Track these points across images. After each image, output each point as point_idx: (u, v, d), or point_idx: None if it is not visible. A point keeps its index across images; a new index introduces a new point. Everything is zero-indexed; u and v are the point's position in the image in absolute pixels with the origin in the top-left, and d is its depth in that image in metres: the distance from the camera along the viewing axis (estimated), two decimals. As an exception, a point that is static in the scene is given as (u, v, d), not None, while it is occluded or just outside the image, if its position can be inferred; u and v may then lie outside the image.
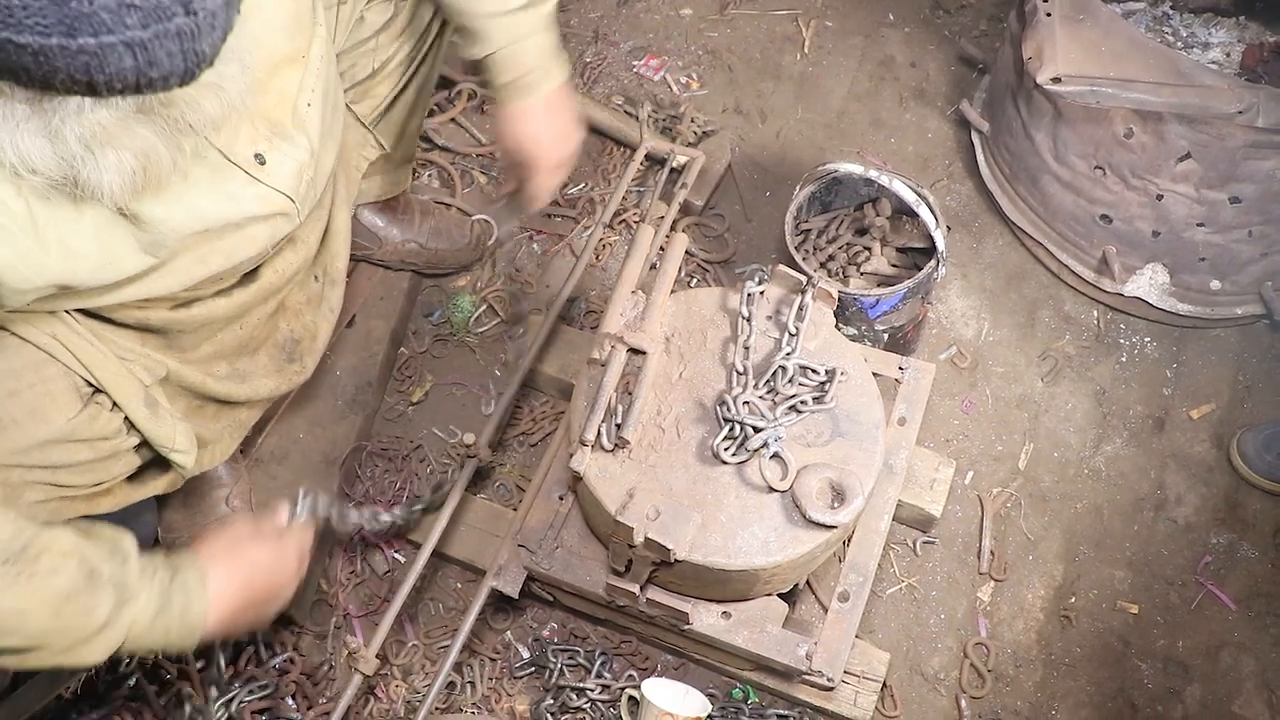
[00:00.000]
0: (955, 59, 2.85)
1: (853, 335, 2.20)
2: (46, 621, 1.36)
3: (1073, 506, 2.27)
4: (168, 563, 1.51)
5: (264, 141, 1.52)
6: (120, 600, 1.41)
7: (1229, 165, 2.14)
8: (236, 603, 1.56)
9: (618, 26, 2.92)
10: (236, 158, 1.48)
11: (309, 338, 1.92)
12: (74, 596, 1.37)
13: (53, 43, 1.00)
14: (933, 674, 2.11)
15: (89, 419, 1.52)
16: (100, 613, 1.39)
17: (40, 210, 1.28)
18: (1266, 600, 2.17)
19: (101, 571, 1.41)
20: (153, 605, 1.45)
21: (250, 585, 1.58)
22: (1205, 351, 2.43)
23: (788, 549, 1.70)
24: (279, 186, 1.55)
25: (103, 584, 1.40)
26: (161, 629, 1.45)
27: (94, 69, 1.04)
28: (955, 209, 2.62)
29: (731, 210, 2.62)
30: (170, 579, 1.48)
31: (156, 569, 1.48)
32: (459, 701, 2.06)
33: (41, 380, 1.48)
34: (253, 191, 1.52)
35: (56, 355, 1.48)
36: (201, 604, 1.50)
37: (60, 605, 1.36)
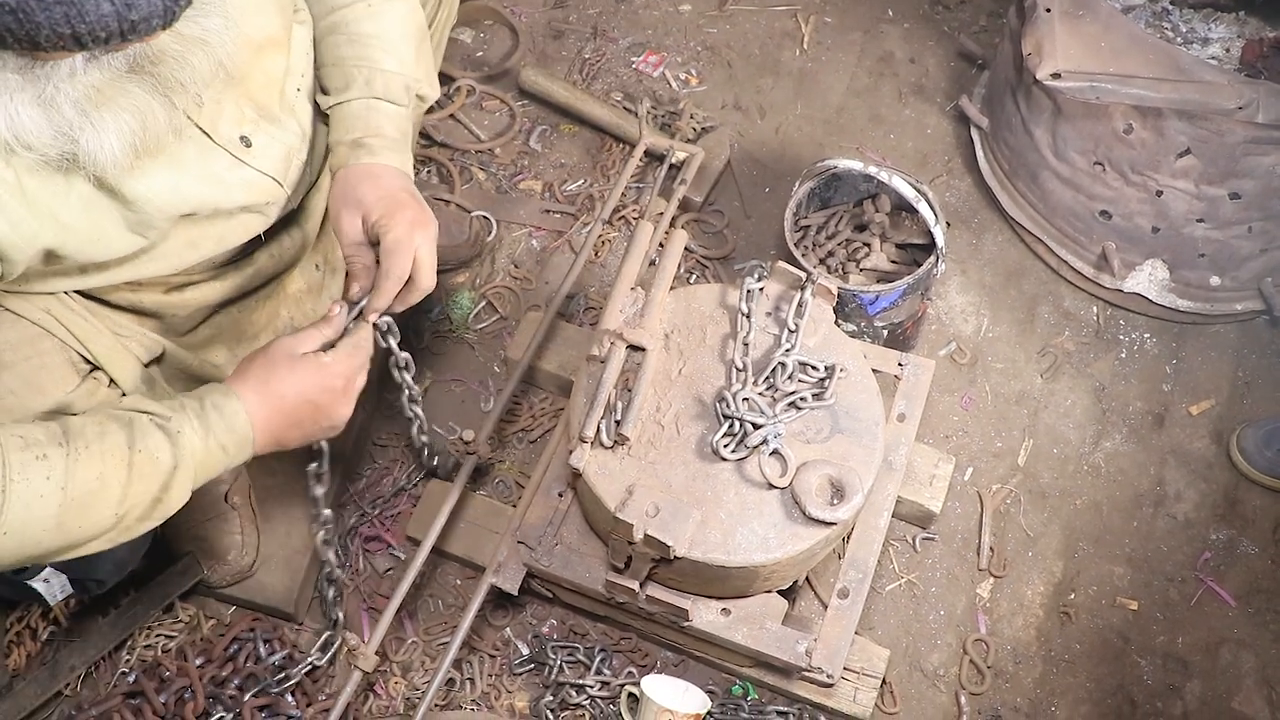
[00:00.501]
0: (954, 55, 2.84)
1: (852, 331, 2.20)
2: (124, 476, 1.35)
3: (1072, 503, 2.27)
4: (190, 393, 1.48)
5: (249, 124, 1.52)
6: (169, 435, 1.39)
7: (1229, 161, 2.14)
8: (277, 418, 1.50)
9: (617, 23, 2.92)
10: (220, 139, 1.48)
11: None
12: (134, 445, 1.36)
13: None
14: (932, 670, 2.11)
15: (86, 394, 1.53)
16: (164, 454, 1.39)
17: (29, 181, 1.28)
18: (1266, 596, 2.17)
19: (137, 420, 1.39)
20: (198, 430, 1.43)
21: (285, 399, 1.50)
22: (1205, 347, 2.43)
23: (787, 546, 1.70)
24: (265, 169, 1.55)
25: (147, 430, 1.39)
26: (217, 447, 1.44)
27: (74, 18, 1.05)
28: (955, 205, 2.61)
29: (731, 206, 2.62)
30: (200, 404, 1.45)
31: (183, 401, 1.45)
32: (458, 698, 2.06)
33: (37, 354, 1.48)
34: (238, 175, 1.52)
35: (51, 330, 1.49)
36: (241, 414, 1.46)
37: (129, 457, 1.36)
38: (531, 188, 2.65)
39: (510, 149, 2.70)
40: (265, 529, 2.12)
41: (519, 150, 2.70)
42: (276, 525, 2.14)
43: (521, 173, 2.67)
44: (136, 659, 2.08)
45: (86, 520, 1.34)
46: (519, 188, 2.65)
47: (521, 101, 2.77)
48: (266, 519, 2.13)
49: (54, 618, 2.10)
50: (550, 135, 2.73)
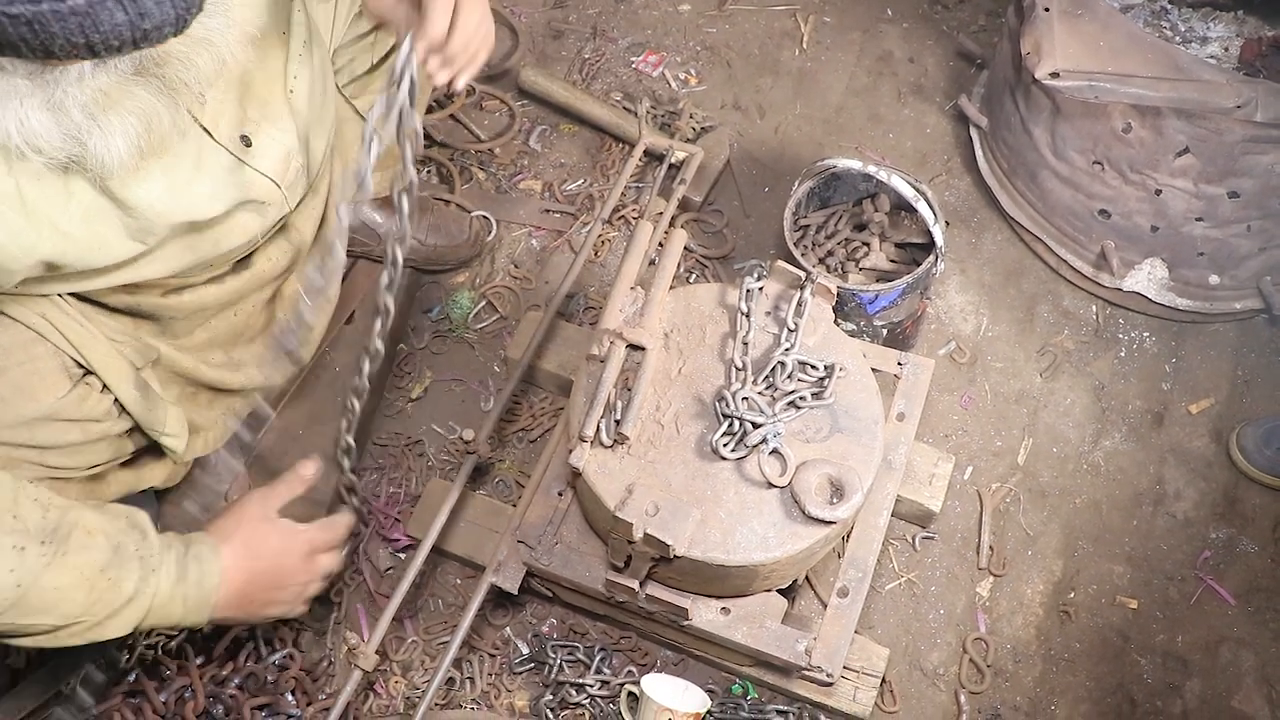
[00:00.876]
0: (954, 54, 2.85)
1: (851, 331, 2.20)
2: (82, 597, 1.39)
3: (1072, 502, 2.27)
4: (181, 536, 1.55)
5: (250, 124, 1.53)
6: (145, 571, 1.45)
7: (1227, 160, 2.14)
8: (246, 580, 1.58)
9: (616, 23, 2.92)
10: (221, 138, 1.48)
11: (305, 328, 1.92)
12: (105, 570, 1.41)
13: (44, 9, 1.03)
14: (932, 669, 2.11)
15: (78, 399, 1.53)
16: (128, 585, 1.43)
17: (30, 190, 1.28)
18: (1266, 595, 2.17)
19: (126, 545, 1.45)
20: (172, 575, 1.48)
21: (259, 562, 1.60)
22: (1204, 346, 2.43)
23: (787, 545, 1.70)
24: (264, 170, 1.55)
25: (129, 557, 1.44)
26: (180, 599, 1.49)
27: (89, 28, 1.06)
28: (954, 204, 2.62)
29: (730, 206, 2.62)
30: (185, 550, 1.52)
31: (172, 541, 1.52)
32: (458, 697, 2.06)
33: (30, 359, 1.48)
34: (238, 175, 1.52)
35: (46, 335, 1.50)
36: (214, 575, 1.53)
37: (94, 580, 1.40)
38: (531, 187, 2.65)
39: (510, 149, 2.70)
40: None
41: (519, 150, 2.71)
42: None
43: (521, 172, 2.67)
44: (136, 658, 2.08)
45: (26, 620, 1.38)
46: (519, 187, 2.65)
47: (521, 101, 2.77)
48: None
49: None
50: (550, 135, 2.73)
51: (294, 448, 2.23)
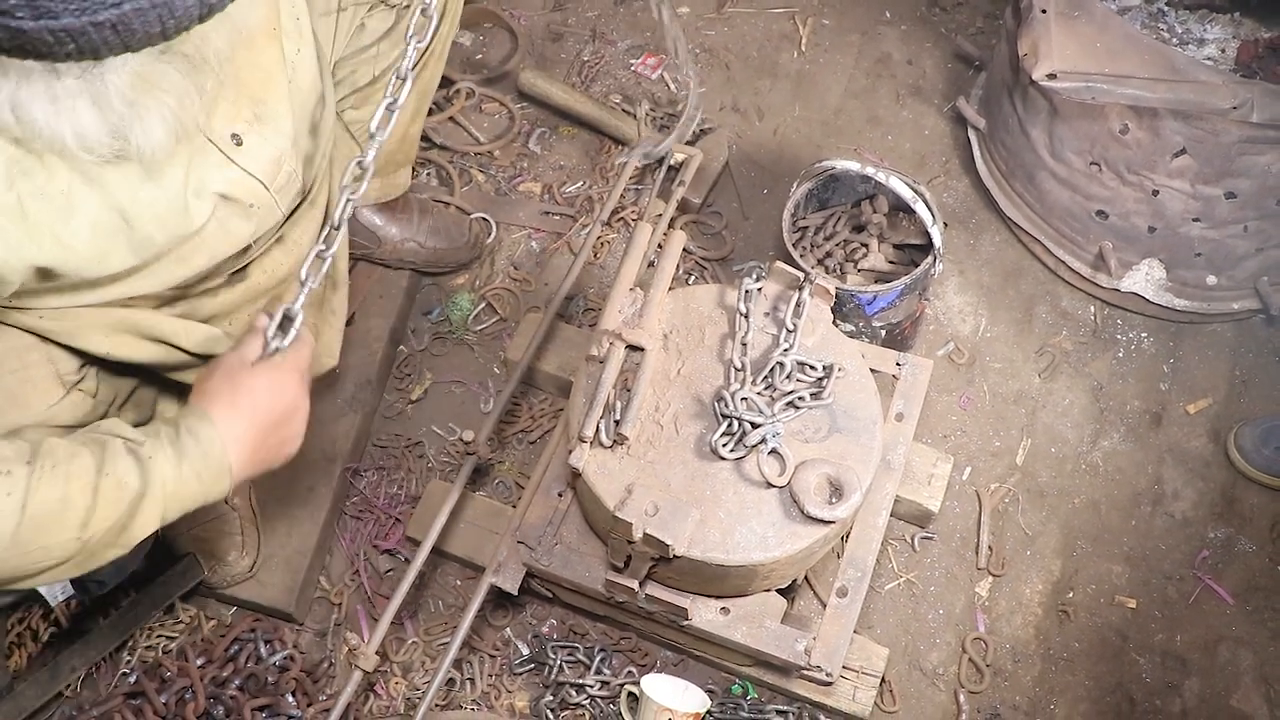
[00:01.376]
0: (952, 56, 2.85)
1: (850, 332, 2.21)
2: (89, 500, 1.34)
3: (1070, 502, 2.27)
4: (166, 419, 1.47)
5: (243, 123, 1.52)
6: (140, 462, 1.38)
7: (1224, 160, 2.15)
8: (253, 432, 1.49)
9: (615, 25, 2.93)
10: (213, 134, 1.48)
11: None
12: (102, 469, 1.35)
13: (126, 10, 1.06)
14: (931, 669, 2.11)
15: (70, 406, 1.52)
16: (132, 479, 1.37)
17: (32, 204, 1.28)
18: (1264, 594, 2.18)
19: (112, 444, 1.38)
20: (170, 457, 1.40)
21: (257, 411, 1.49)
22: (1202, 346, 2.44)
23: (786, 544, 1.71)
24: (252, 170, 1.54)
25: (118, 452, 1.37)
26: (192, 476, 1.41)
27: (165, 16, 1.09)
28: (952, 206, 2.62)
29: (729, 208, 2.62)
30: (176, 430, 1.43)
31: (159, 427, 1.44)
32: (459, 698, 2.06)
33: (23, 366, 1.48)
34: (225, 173, 1.51)
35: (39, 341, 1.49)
36: (216, 441, 1.44)
37: (96, 482, 1.34)
38: (531, 190, 2.66)
39: (509, 151, 2.71)
40: (266, 530, 2.13)
41: (518, 152, 2.71)
42: (277, 526, 2.15)
43: (520, 175, 2.68)
44: (137, 660, 2.08)
45: (47, 540, 1.33)
46: (518, 190, 2.66)
47: (521, 104, 2.78)
48: (267, 520, 2.14)
49: (55, 619, 2.11)
50: (549, 137, 2.74)
51: (294, 449, 2.23)
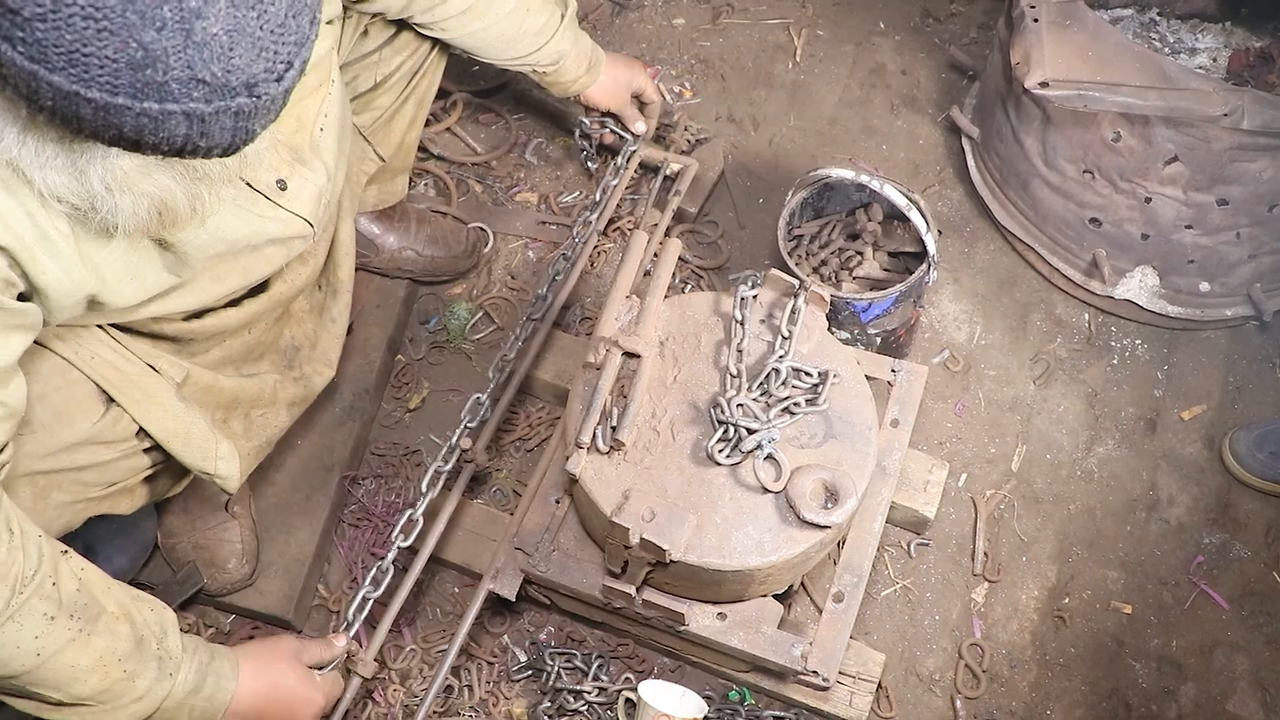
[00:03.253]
0: (945, 66, 2.87)
1: (846, 339, 2.22)
2: (95, 682, 1.40)
3: (1065, 508, 2.28)
4: (206, 645, 1.55)
5: (286, 167, 1.55)
6: (161, 673, 1.45)
7: (1216, 168, 2.17)
8: (258, 705, 1.62)
9: (611, 36, 2.95)
10: (259, 184, 1.50)
11: (308, 345, 1.93)
12: (124, 661, 1.41)
13: (118, 101, 1.01)
14: (928, 675, 2.12)
15: (111, 422, 1.54)
16: (142, 682, 1.43)
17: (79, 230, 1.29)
18: (1259, 599, 2.18)
19: (148, 641, 1.45)
20: (188, 684, 1.50)
21: (273, 694, 1.64)
22: (1196, 353, 2.45)
23: (782, 549, 1.72)
24: (299, 211, 1.58)
25: (149, 654, 1.44)
26: (187, 709, 1.51)
27: (147, 131, 1.04)
28: (947, 214, 2.64)
29: (725, 217, 2.64)
30: (208, 661, 1.53)
31: (196, 649, 1.53)
32: (456, 705, 2.07)
33: (66, 384, 1.50)
34: (274, 215, 1.54)
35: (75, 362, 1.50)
36: (227, 694, 1.56)
37: (111, 668, 1.40)
38: (528, 199, 2.67)
39: (506, 161, 2.73)
40: (265, 538, 2.14)
41: (515, 163, 2.73)
42: (276, 534, 2.15)
43: (517, 185, 2.69)
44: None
45: (36, 688, 1.38)
46: (515, 200, 2.67)
47: (517, 115, 2.80)
48: (266, 528, 2.15)
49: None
50: (546, 148, 2.76)
51: (292, 457, 2.24)
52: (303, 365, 1.97)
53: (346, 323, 2.04)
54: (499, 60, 2.18)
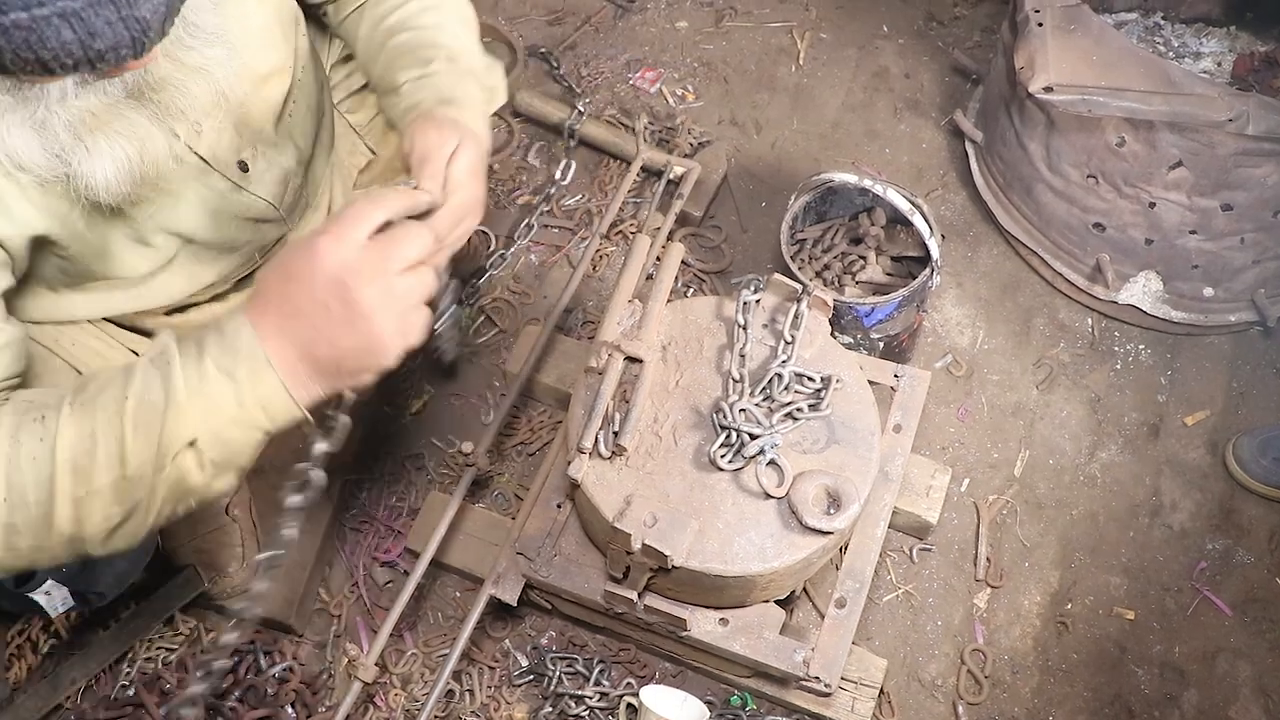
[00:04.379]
0: (949, 70, 2.87)
1: (848, 344, 2.22)
2: (118, 429, 1.18)
3: (1068, 513, 2.28)
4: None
5: (248, 149, 1.54)
6: (162, 369, 1.19)
7: (1220, 173, 2.16)
8: (290, 320, 1.20)
9: (614, 39, 2.95)
10: (219, 165, 1.49)
11: None
12: (125, 392, 1.19)
13: None
14: (930, 680, 2.11)
15: None
16: (155, 392, 1.18)
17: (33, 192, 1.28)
18: (1262, 606, 2.18)
19: (135, 363, 1.22)
20: (191, 352, 1.19)
21: (295, 300, 1.19)
22: (1199, 358, 2.45)
23: (784, 555, 1.71)
24: (262, 194, 1.57)
25: (142, 367, 1.21)
26: (222, 375, 1.18)
27: (35, 44, 1.04)
28: (950, 218, 2.63)
29: (728, 221, 2.63)
30: (204, 332, 1.22)
31: (195, 335, 1.25)
32: (458, 710, 2.06)
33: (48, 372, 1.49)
34: (236, 199, 1.53)
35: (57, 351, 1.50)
36: (243, 329, 1.19)
37: (121, 407, 1.19)
38: (530, 203, 2.67)
39: (508, 165, 2.72)
40: (265, 541, 2.13)
41: (517, 166, 2.72)
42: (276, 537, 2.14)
43: (520, 188, 2.69)
44: (137, 671, 2.08)
45: (90, 486, 1.19)
46: (517, 203, 2.67)
47: (519, 118, 2.79)
48: (267, 531, 2.14)
49: (55, 630, 2.11)
50: (548, 151, 2.75)
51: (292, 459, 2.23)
52: None
53: None
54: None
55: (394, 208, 1.25)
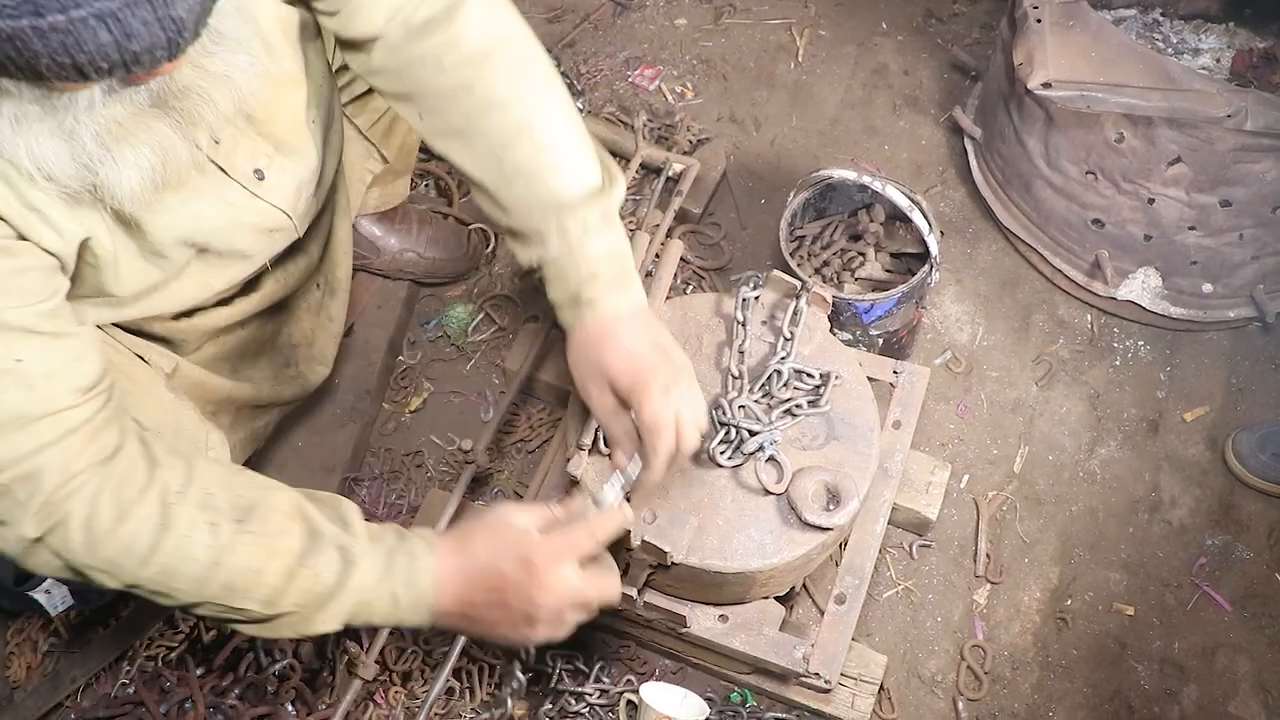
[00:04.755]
0: (948, 67, 2.87)
1: (848, 341, 2.22)
2: (280, 583, 1.33)
3: (1068, 509, 2.28)
4: (397, 530, 1.43)
5: (264, 157, 1.54)
6: (345, 562, 1.35)
7: (1219, 169, 2.16)
8: (464, 579, 1.39)
9: (613, 36, 2.95)
10: (235, 173, 1.50)
11: (305, 343, 1.93)
12: (303, 558, 1.34)
13: (23, 24, 0.98)
14: (930, 676, 2.11)
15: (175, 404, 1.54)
16: (327, 576, 1.35)
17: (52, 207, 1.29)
18: (1262, 601, 2.18)
19: (323, 533, 1.36)
20: (377, 570, 1.37)
21: (473, 562, 1.39)
22: (1198, 354, 2.45)
23: (784, 551, 1.71)
24: (276, 202, 1.57)
25: (326, 545, 1.35)
26: (388, 595, 1.37)
27: (71, 47, 1.01)
28: (949, 215, 2.63)
29: (727, 218, 2.63)
30: (398, 543, 1.40)
31: (384, 534, 1.41)
32: (458, 707, 2.06)
33: None
34: (251, 206, 1.54)
35: None
36: (428, 572, 1.38)
37: (293, 567, 1.33)
38: (529, 200, 2.66)
39: (507, 162, 2.72)
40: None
41: (516, 163, 2.72)
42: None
43: (519, 186, 2.69)
44: (137, 670, 2.08)
45: (231, 599, 1.34)
46: (516, 200, 2.66)
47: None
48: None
49: (54, 629, 2.11)
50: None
51: (293, 459, 2.24)
52: (299, 364, 1.96)
53: (343, 321, 2.03)
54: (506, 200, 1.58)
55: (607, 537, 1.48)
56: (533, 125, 1.51)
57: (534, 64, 1.54)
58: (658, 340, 1.56)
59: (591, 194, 1.52)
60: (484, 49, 1.50)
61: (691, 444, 1.56)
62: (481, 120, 1.51)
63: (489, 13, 1.52)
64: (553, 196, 1.51)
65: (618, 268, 1.55)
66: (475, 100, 1.51)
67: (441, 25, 1.48)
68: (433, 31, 1.49)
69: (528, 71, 1.53)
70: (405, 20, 1.50)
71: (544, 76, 1.55)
